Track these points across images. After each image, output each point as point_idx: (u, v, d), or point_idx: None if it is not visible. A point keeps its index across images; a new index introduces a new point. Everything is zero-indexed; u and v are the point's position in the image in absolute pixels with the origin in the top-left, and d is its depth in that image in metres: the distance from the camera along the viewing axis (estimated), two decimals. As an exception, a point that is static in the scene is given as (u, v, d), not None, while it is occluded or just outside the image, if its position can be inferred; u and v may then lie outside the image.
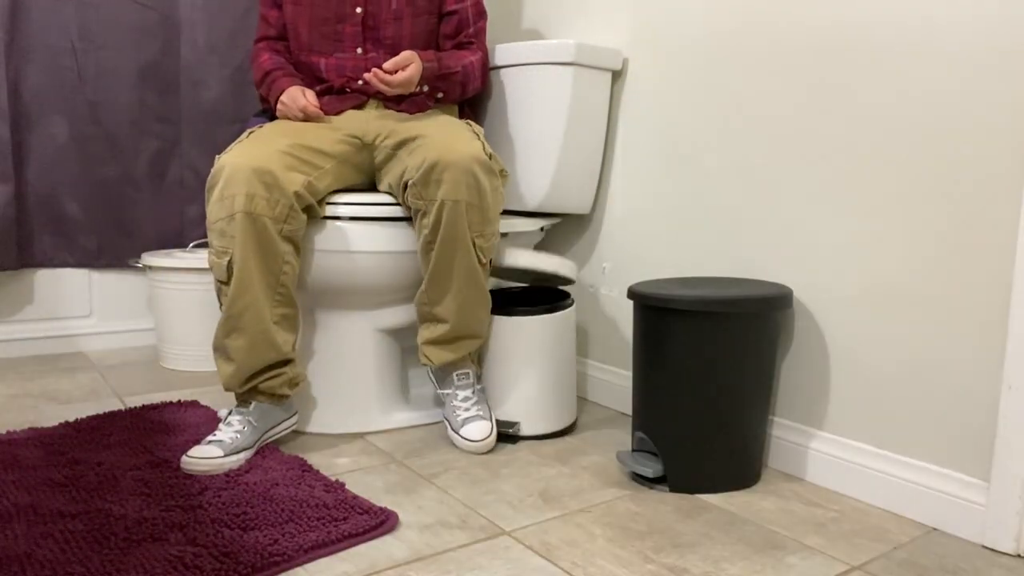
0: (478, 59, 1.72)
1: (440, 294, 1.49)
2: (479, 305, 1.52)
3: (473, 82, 1.72)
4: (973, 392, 1.22)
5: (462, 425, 1.52)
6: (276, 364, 1.43)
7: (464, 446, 1.51)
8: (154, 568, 1.02)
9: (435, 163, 1.41)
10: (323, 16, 1.65)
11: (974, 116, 1.20)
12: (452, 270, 1.46)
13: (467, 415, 1.53)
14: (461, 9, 1.71)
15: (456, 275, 1.47)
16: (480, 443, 1.50)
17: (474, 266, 1.47)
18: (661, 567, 1.10)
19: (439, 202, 1.41)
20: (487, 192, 1.45)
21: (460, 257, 1.45)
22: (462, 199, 1.41)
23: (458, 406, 1.55)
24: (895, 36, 1.29)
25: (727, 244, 1.58)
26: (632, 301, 1.42)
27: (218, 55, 2.25)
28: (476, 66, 1.71)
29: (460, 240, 1.44)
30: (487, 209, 1.45)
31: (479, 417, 1.52)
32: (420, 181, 1.42)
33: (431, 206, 1.42)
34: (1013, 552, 1.17)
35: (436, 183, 1.41)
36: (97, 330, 2.23)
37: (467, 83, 1.71)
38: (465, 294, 1.49)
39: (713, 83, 1.59)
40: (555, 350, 1.60)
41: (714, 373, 1.32)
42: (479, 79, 1.73)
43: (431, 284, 1.49)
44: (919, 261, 1.27)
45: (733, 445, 1.36)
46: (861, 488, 1.35)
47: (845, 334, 1.38)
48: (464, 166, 1.41)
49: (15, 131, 2.04)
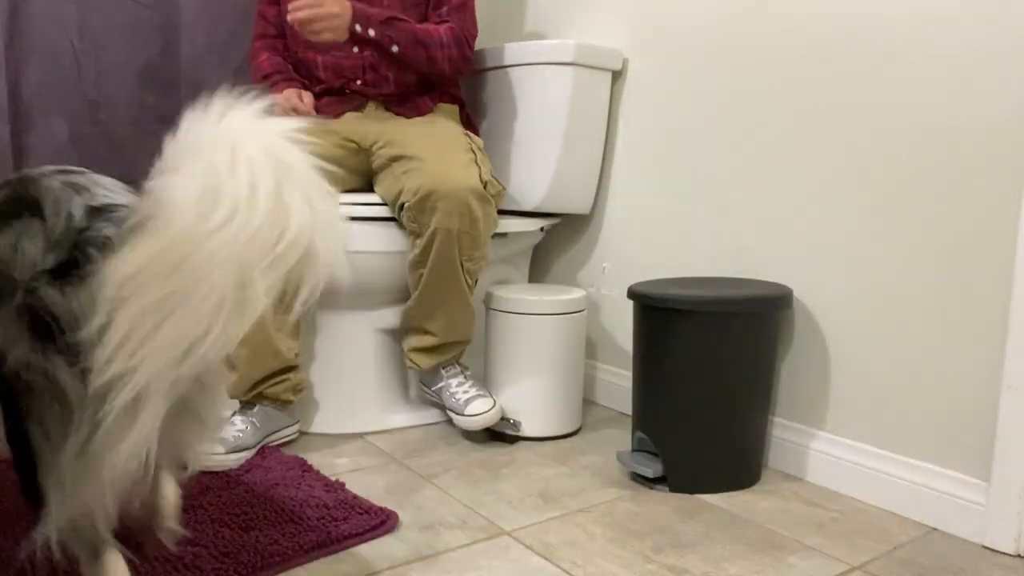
0: (445, 28, 1.63)
1: (428, 312, 1.51)
2: (465, 319, 1.54)
3: (440, 49, 1.62)
4: (973, 392, 1.22)
5: (465, 406, 1.52)
6: (280, 371, 1.44)
7: (470, 424, 1.51)
8: (154, 568, 1.02)
9: (430, 192, 1.41)
10: None
11: (974, 116, 1.20)
12: (441, 292, 1.49)
13: (467, 396, 1.54)
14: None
15: (445, 296, 1.50)
16: (487, 414, 1.51)
17: (462, 287, 1.50)
18: (661, 567, 1.10)
19: (432, 229, 1.43)
20: (479, 220, 1.46)
21: (450, 281, 1.48)
22: (455, 228, 1.43)
23: (455, 391, 1.55)
24: (895, 36, 1.29)
25: (727, 244, 1.58)
26: (632, 301, 1.42)
27: (218, 55, 2.25)
28: (441, 34, 1.62)
29: (450, 265, 1.46)
30: (478, 235, 1.47)
31: (480, 395, 1.54)
32: (415, 207, 1.43)
33: (424, 230, 1.44)
34: (1013, 552, 1.17)
35: (431, 211, 1.42)
36: (97, 330, 2.23)
37: (430, 47, 1.61)
38: (453, 312, 1.52)
39: (713, 83, 1.59)
40: (562, 353, 1.60)
41: (714, 373, 1.32)
42: (447, 48, 1.63)
43: (420, 301, 1.51)
44: (919, 261, 1.27)
45: (733, 445, 1.36)
46: (861, 488, 1.35)
47: (845, 334, 1.38)
48: (459, 197, 1.42)
49: (15, 131, 2.04)
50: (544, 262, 2.03)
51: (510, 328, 1.59)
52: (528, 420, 1.59)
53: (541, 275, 2.04)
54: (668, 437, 1.36)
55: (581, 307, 1.62)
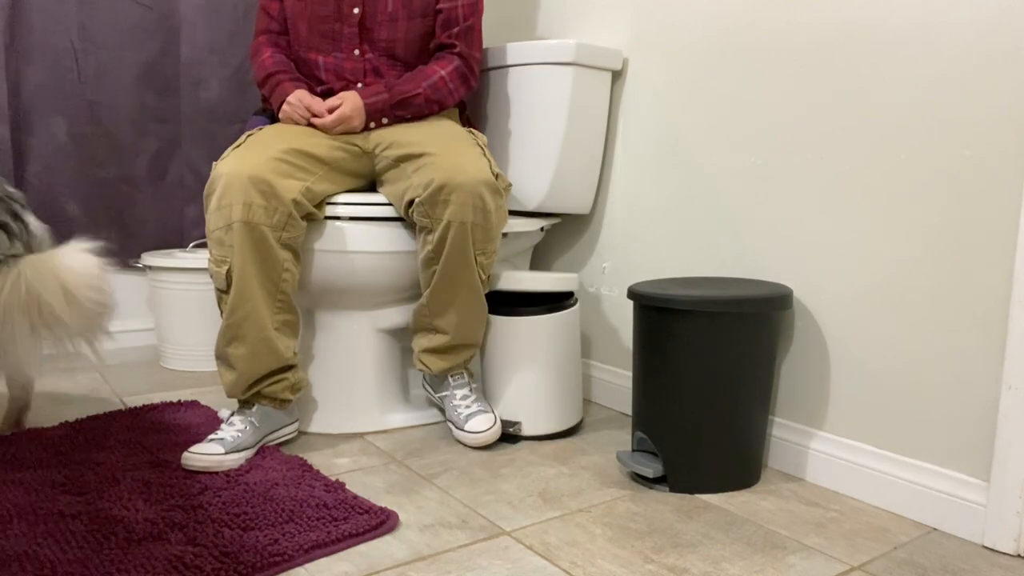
0: (451, 70, 1.63)
1: (442, 308, 1.50)
2: (478, 318, 1.53)
3: (449, 96, 1.65)
4: (973, 392, 1.22)
5: (466, 421, 1.52)
6: (278, 370, 1.44)
7: (471, 440, 1.51)
8: (154, 568, 1.02)
9: (443, 185, 1.40)
10: (322, 14, 1.64)
11: (974, 116, 1.20)
12: (455, 287, 1.48)
13: (469, 411, 1.53)
14: (450, 8, 1.65)
15: (459, 291, 1.49)
16: (486, 433, 1.50)
17: (476, 282, 1.49)
18: (661, 567, 1.10)
19: (445, 222, 1.42)
20: (492, 212, 1.45)
21: (463, 275, 1.47)
22: (468, 221, 1.42)
23: (458, 404, 1.55)
24: (895, 37, 1.29)
25: (727, 244, 1.58)
26: (632, 301, 1.42)
27: (218, 55, 2.25)
28: (448, 79, 1.63)
29: (464, 259, 1.45)
30: (491, 228, 1.46)
31: (481, 411, 1.54)
32: (427, 201, 1.42)
33: (437, 224, 1.43)
34: (1013, 552, 1.17)
35: (444, 203, 1.41)
36: (97, 330, 2.23)
37: (441, 99, 1.63)
38: (466, 308, 1.51)
39: (713, 83, 1.59)
40: (558, 350, 1.60)
41: (714, 373, 1.32)
42: (457, 89, 1.65)
43: (433, 298, 1.50)
44: (919, 261, 1.27)
45: (733, 445, 1.36)
46: (861, 488, 1.35)
47: (845, 334, 1.38)
48: (472, 188, 1.41)
49: (15, 131, 2.04)
50: (544, 262, 2.03)
51: (501, 327, 1.59)
52: (527, 418, 1.59)
53: (541, 275, 2.04)
54: (668, 437, 1.36)
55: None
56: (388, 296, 1.59)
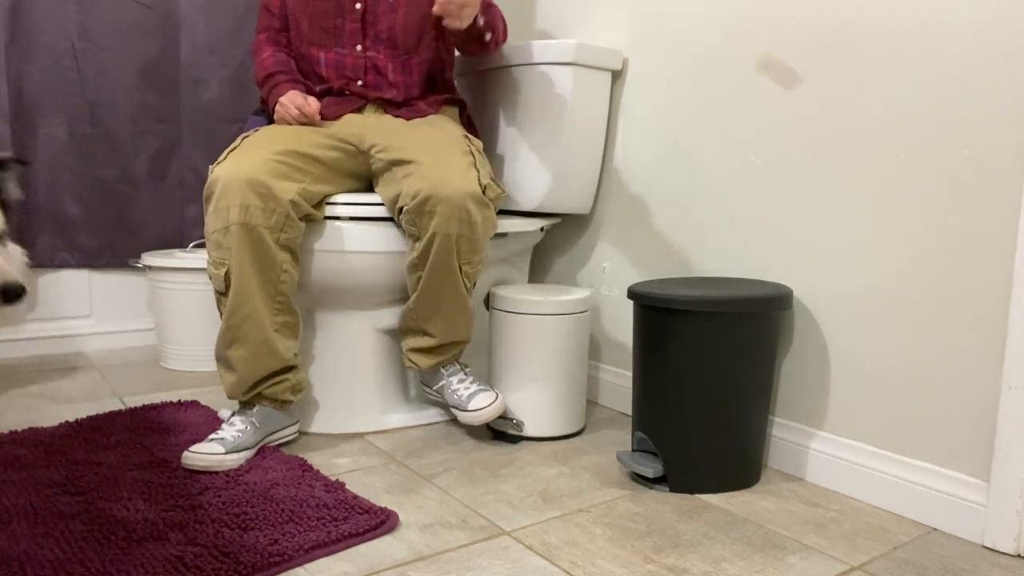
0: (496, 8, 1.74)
1: (427, 314, 1.51)
2: (464, 321, 1.54)
3: (501, 26, 1.73)
4: (973, 392, 1.22)
5: (468, 401, 1.52)
6: (279, 371, 1.44)
7: (475, 418, 1.51)
8: (154, 568, 1.02)
9: (429, 196, 1.41)
10: (324, 10, 1.64)
11: (974, 117, 1.20)
12: (440, 294, 1.49)
13: (469, 392, 1.53)
14: None
15: (444, 298, 1.49)
16: (491, 407, 1.50)
17: (460, 290, 1.49)
18: (661, 567, 1.10)
19: (431, 233, 1.42)
20: (478, 224, 1.45)
21: (448, 283, 1.47)
22: (453, 233, 1.42)
23: (457, 388, 1.55)
24: (895, 37, 1.29)
25: (727, 244, 1.58)
26: (632, 301, 1.42)
27: (218, 55, 2.25)
28: (501, 13, 1.74)
29: (449, 269, 1.46)
30: (477, 239, 1.46)
31: (482, 390, 1.54)
32: (414, 210, 1.43)
33: (423, 234, 1.43)
34: (1013, 552, 1.17)
35: (429, 215, 1.42)
36: (97, 330, 2.23)
37: (497, 26, 1.71)
38: (452, 314, 1.51)
39: (713, 83, 1.59)
40: (567, 353, 1.60)
41: (714, 373, 1.32)
42: (505, 28, 1.75)
43: (418, 304, 1.50)
44: (919, 261, 1.27)
45: (733, 445, 1.36)
46: (861, 488, 1.35)
47: (845, 334, 1.38)
48: (457, 201, 1.41)
49: (15, 131, 2.04)
50: (544, 262, 2.03)
51: (514, 328, 1.59)
52: (532, 421, 1.59)
53: (541, 275, 2.04)
54: (668, 437, 1.36)
55: (585, 307, 1.62)
56: (388, 296, 1.59)
